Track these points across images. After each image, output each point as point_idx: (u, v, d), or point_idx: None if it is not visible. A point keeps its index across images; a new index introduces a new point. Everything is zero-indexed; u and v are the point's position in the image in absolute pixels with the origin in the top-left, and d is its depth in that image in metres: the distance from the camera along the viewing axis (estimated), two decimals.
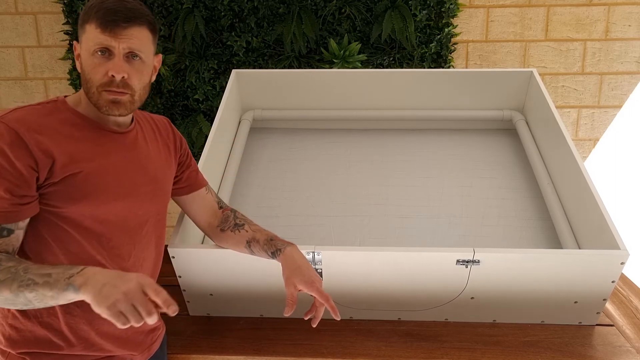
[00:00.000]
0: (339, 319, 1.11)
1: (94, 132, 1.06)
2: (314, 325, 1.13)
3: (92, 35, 0.99)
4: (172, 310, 0.88)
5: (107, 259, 1.07)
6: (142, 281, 0.87)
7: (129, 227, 1.10)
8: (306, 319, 1.16)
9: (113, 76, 1.00)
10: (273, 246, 1.22)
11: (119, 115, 1.05)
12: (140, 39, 1.02)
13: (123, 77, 1.00)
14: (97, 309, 0.84)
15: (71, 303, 1.02)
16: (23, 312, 1.04)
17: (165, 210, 1.21)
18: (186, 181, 1.29)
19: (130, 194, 1.09)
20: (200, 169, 1.58)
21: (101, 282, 0.86)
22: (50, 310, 1.04)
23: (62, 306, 1.04)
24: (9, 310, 1.06)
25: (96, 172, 1.03)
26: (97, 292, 0.85)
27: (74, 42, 1.06)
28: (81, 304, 1.04)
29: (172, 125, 1.28)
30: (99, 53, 1.00)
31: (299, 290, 1.14)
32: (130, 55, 1.02)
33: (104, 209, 1.04)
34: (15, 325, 1.05)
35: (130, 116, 1.13)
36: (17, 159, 0.94)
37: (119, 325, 0.84)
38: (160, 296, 0.87)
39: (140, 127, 1.16)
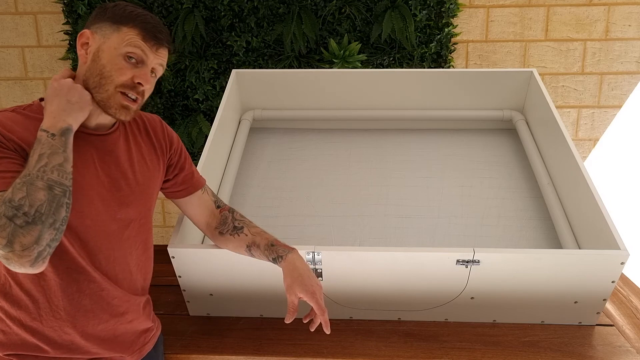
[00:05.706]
0: (328, 333, 1.14)
1: None
2: (312, 330, 1.15)
3: (130, 39, 1.01)
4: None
5: (88, 262, 1.07)
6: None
7: (108, 231, 1.09)
8: (305, 322, 1.16)
9: (139, 84, 1.03)
10: (274, 252, 1.22)
11: (124, 120, 1.07)
12: (165, 61, 1.09)
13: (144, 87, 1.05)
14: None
15: (53, 306, 1.05)
16: (9, 316, 1.05)
17: (151, 213, 1.20)
18: (182, 184, 1.28)
19: (108, 197, 1.08)
20: (200, 169, 1.59)
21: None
22: (34, 315, 1.05)
23: (49, 310, 1.05)
24: None
25: (73, 176, 1.01)
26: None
27: (86, 31, 1.04)
28: (64, 307, 1.05)
29: (164, 125, 1.26)
30: (130, 58, 1.02)
31: (300, 298, 1.15)
32: (151, 70, 1.07)
33: (80, 213, 1.03)
34: (2, 328, 1.06)
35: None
36: (14, 150, 0.96)
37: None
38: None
39: (124, 127, 1.16)
